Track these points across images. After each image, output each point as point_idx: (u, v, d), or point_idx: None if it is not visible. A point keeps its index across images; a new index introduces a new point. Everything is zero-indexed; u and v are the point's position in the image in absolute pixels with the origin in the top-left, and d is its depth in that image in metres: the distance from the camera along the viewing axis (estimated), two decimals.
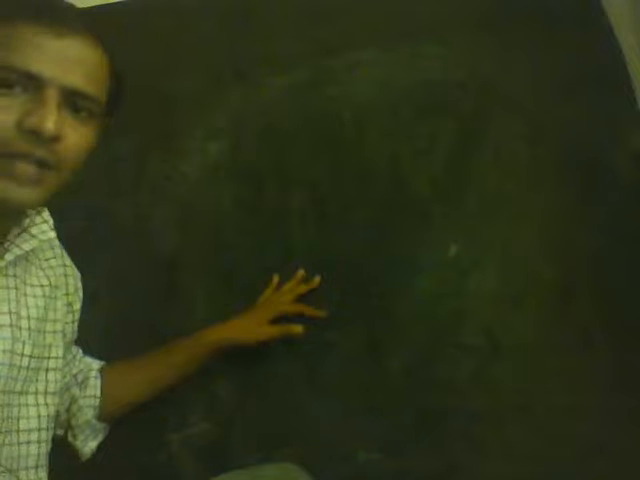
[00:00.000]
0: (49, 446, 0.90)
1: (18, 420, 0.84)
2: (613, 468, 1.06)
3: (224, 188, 1.23)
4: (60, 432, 1.00)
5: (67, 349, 0.98)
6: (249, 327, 1.11)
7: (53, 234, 0.87)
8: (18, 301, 0.85)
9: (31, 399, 0.86)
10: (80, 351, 1.05)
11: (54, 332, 0.92)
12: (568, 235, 1.16)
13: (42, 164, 0.75)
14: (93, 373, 1.04)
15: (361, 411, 1.15)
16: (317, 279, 1.17)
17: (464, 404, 1.14)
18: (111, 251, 1.20)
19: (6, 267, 0.83)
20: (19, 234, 0.84)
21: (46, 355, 0.89)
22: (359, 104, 1.23)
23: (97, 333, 1.13)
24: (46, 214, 0.88)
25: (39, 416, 0.87)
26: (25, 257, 0.88)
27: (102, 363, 1.07)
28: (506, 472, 1.09)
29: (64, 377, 0.96)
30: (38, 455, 0.87)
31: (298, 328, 1.11)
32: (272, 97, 1.26)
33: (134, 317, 1.19)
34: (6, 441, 0.82)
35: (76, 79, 0.75)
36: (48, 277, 0.93)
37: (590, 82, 1.18)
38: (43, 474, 0.88)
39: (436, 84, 1.22)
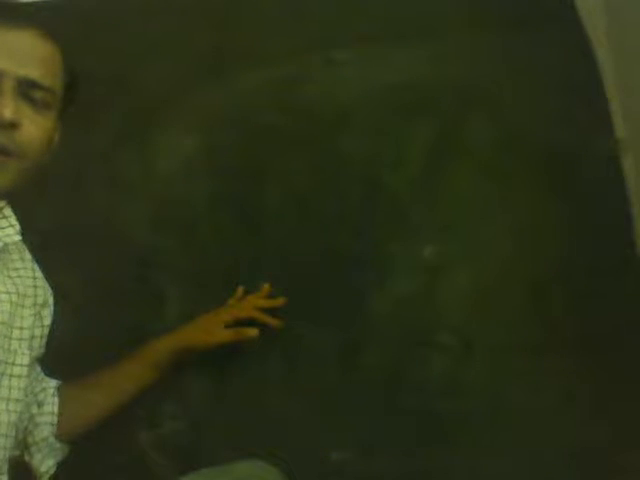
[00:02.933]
0: (8, 455, 0.89)
1: None
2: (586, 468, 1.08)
3: (199, 185, 1.22)
4: (17, 452, 0.98)
5: (32, 365, 0.97)
6: (203, 331, 1.11)
7: (18, 238, 0.88)
8: None
9: None
10: (41, 371, 1.04)
11: (20, 339, 0.91)
12: (541, 236, 1.18)
13: (2, 151, 0.78)
14: (51, 391, 1.03)
15: (334, 410, 1.16)
16: (282, 299, 1.16)
17: (436, 404, 1.15)
18: (83, 249, 1.18)
19: None
20: None
21: (11, 361, 0.89)
22: (338, 103, 1.22)
23: (68, 332, 1.12)
24: (13, 219, 0.88)
25: (0, 422, 0.86)
26: None
27: (59, 382, 1.05)
28: (476, 472, 1.11)
29: (26, 395, 0.95)
30: None
31: (253, 331, 1.10)
32: (249, 92, 1.24)
33: (106, 316, 1.17)
34: None
35: (30, 70, 0.80)
36: (16, 285, 0.92)
37: (566, 84, 1.19)
38: None
39: (416, 84, 1.22)
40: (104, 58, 1.21)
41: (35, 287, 0.97)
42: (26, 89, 0.80)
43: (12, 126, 0.78)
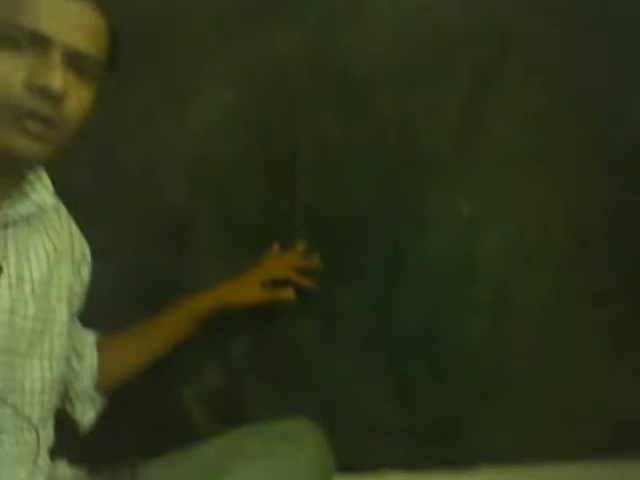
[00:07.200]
0: (52, 409, 0.91)
1: (22, 381, 0.85)
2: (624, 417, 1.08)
3: (233, 140, 1.19)
4: (59, 404, 0.98)
5: (72, 321, 0.97)
6: (240, 290, 1.13)
7: (51, 200, 0.88)
8: (19, 264, 0.85)
9: (36, 362, 0.87)
10: (79, 324, 1.04)
11: (59, 297, 0.92)
12: (583, 190, 1.16)
13: (47, 122, 0.77)
14: (90, 344, 1.04)
15: (374, 365, 1.16)
16: (317, 258, 1.18)
17: (475, 358, 1.15)
18: (121, 207, 1.16)
19: (3, 231, 0.83)
20: (18, 199, 0.84)
21: (51, 318, 0.89)
22: (371, 54, 1.18)
23: (106, 288, 1.11)
24: (45, 179, 0.88)
25: (43, 379, 0.87)
26: (27, 222, 0.87)
27: (98, 335, 1.06)
28: (514, 424, 1.11)
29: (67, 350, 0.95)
30: (40, 418, 0.87)
31: (289, 293, 1.13)
32: (282, 45, 1.21)
33: (144, 273, 1.16)
34: (9, 401, 0.83)
35: (81, 41, 0.79)
36: (53, 243, 0.92)
37: (607, 26, 1.15)
38: (45, 434, 0.89)
39: (452, 31, 1.18)
40: (141, 17, 1.18)
41: (72, 242, 0.97)
42: (74, 60, 0.79)
43: (61, 98, 0.77)
